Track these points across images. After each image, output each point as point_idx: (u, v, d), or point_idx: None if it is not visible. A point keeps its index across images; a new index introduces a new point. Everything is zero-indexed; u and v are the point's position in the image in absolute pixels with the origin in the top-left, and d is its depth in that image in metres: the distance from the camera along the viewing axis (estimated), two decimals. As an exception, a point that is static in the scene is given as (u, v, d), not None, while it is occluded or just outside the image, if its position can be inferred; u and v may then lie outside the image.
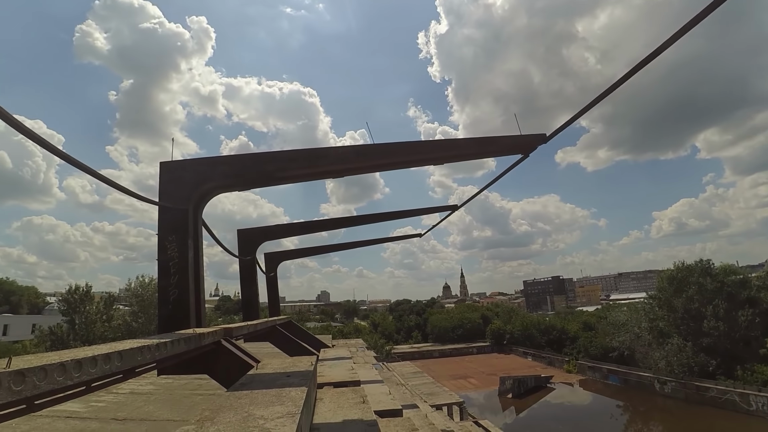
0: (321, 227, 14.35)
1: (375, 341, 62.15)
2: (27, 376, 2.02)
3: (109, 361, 2.63)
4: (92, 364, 2.47)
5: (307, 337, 12.87)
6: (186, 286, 5.66)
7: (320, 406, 4.83)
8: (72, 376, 2.34)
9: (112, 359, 2.68)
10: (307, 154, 6.46)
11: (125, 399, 9.28)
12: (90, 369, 2.48)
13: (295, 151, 6.39)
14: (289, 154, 6.34)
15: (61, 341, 29.42)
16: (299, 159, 6.36)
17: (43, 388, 2.15)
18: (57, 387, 2.24)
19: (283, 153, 6.39)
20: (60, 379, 2.25)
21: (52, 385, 2.20)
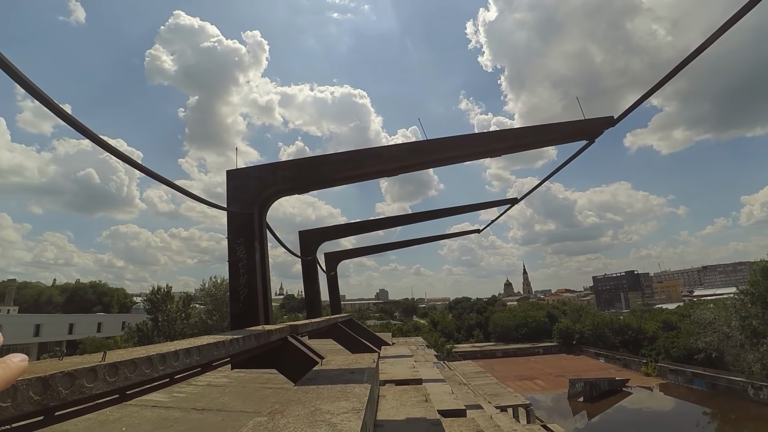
0: (377, 226, 14.51)
1: (435, 339, 61.77)
2: (119, 369, 2.25)
3: (189, 356, 2.85)
4: (175, 357, 2.69)
5: (367, 335, 13.09)
6: (254, 286, 5.99)
7: (383, 403, 4.88)
8: (158, 368, 2.56)
9: (192, 354, 2.90)
10: (361, 154, 6.56)
11: (203, 390, 10.05)
12: (173, 362, 2.70)
13: (348, 153, 6.52)
14: (342, 156, 6.49)
15: (146, 337, 32.55)
16: (353, 160, 6.47)
17: (133, 380, 2.38)
18: (145, 378, 2.46)
19: (337, 155, 6.55)
20: (147, 371, 2.47)
21: (141, 376, 2.42)
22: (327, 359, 5.03)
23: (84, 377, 1.96)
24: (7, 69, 2.67)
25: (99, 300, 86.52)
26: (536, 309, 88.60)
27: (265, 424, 2.47)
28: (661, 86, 5.17)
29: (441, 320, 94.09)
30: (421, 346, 22.31)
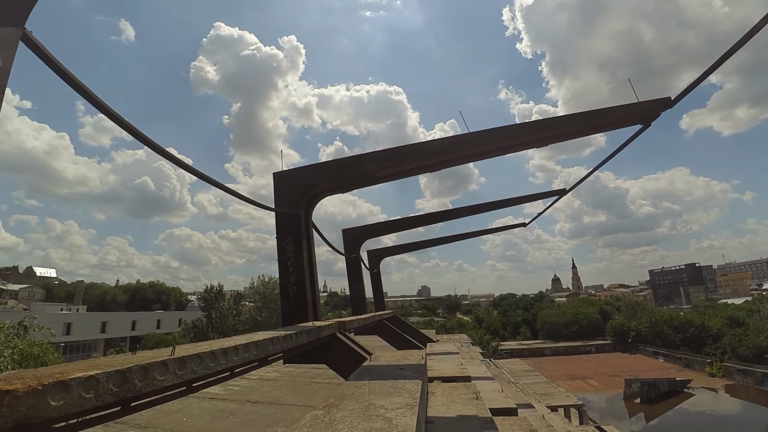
0: (418, 223, 14.41)
1: (480, 337, 60.78)
2: (187, 363, 2.38)
3: (247, 350, 2.97)
4: (235, 352, 2.81)
5: (412, 331, 13.09)
6: (303, 283, 6.16)
7: (432, 399, 4.86)
8: (220, 362, 2.69)
9: (250, 348, 3.02)
10: (402, 151, 6.55)
11: (255, 384, 10.48)
12: (233, 357, 2.82)
13: (390, 150, 6.53)
14: (384, 153, 6.50)
15: (202, 333, 34.40)
16: (394, 157, 6.47)
17: (199, 373, 2.51)
18: (209, 372, 2.59)
19: (378, 153, 6.57)
20: (211, 365, 2.60)
21: (205, 370, 2.55)
22: (375, 355, 5.08)
23: (156, 370, 2.09)
24: (81, 91, 2.90)
25: (158, 298, 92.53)
26: (587, 305, 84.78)
27: (321, 418, 2.53)
28: (723, 62, 4.77)
29: (486, 317, 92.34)
30: (466, 343, 22.01)
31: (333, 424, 2.40)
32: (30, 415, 1.52)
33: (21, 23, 2.39)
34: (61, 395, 1.63)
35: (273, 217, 6.43)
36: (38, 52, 2.66)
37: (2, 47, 2.25)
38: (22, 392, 1.50)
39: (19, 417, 1.48)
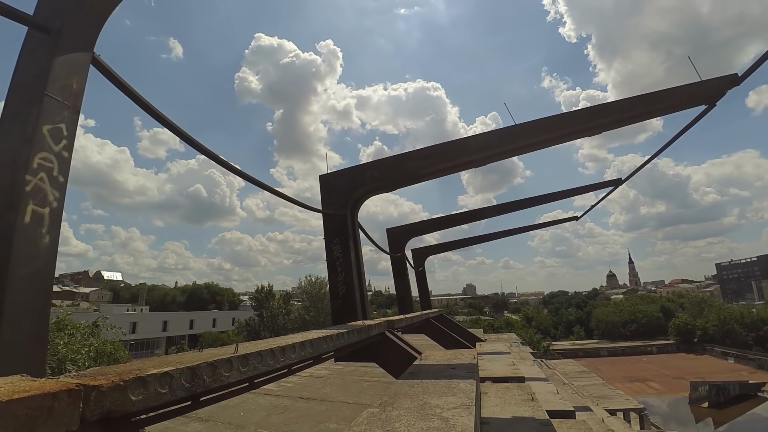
0: (462, 220, 14.22)
1: (530, 336, 58.84)
2: (249, 360, 2.47)
3: (303, 348, 3.05)
4: (292, 350, 2.89)
5: (459, 330, 12.92)
6: (351, 283, 6.25)
7: (486, 400, 4.76)
8: (279, 360, 2.78)
9: (306, 347, 3.09)
10: (446, 147, 6.48)
11: (306, 381, 10.77)
12: (291, 354, 2.91)
13: (434, 147, 6.48)
14: (429, 151, 6.46)
15: (254, 331, 35.87)
16: (439, 154, 6.42)
17: (260, 370, 2.60)
18: (269, 369, 2.68)
19: (423, 150, 6.54)
20: (271, 362, 2.68)
21: (266, 367, 2.64)
22: (425, 354, 5.05)
23: (222, 367, 2.19)
24: (145, 107, 3.10)
25: (212, 299, 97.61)
26: (647, 302, 79.70)
27: (378, 415, 2.54)
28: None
29: (535, 316, 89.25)
30: (515, 342, 21.40)
31: (390, 422, 2.40)
32: (113, 409, 1.64)
33: (90, 48, 2.59)
34: (140, 390, 1.75)
35: (317, 218, 6.58)
36: (106, 74, 2.88)
37: (77, 71, 2.45)
38: (106, 387, 1.62)
39: (103, 411, 1.59)
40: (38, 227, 2.06)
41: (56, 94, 2.26)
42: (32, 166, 2.07)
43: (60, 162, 2.22)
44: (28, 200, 2.03)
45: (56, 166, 2.20)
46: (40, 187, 2.10)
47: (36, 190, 2.07)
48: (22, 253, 1.97)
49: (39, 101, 2.18)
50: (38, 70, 2.28)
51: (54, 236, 2.13)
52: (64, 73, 2.33)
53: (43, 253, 2.07)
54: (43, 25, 2.35)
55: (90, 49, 2.56)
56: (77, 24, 2.46)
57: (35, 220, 2.05)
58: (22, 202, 2.00)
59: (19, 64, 2.38)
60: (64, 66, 2.34)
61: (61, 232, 2.25)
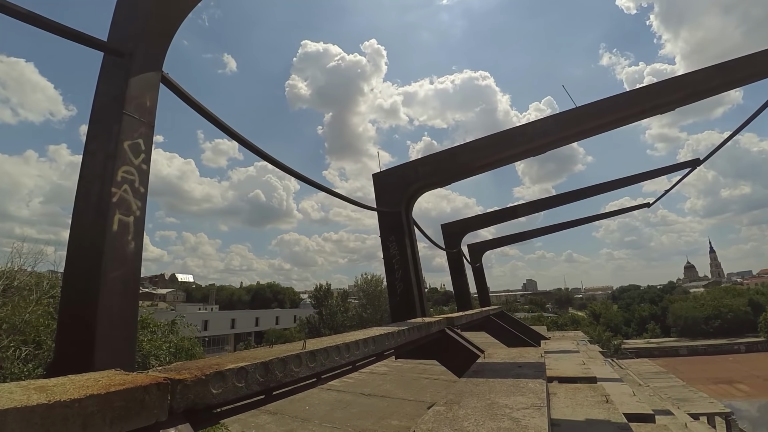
0: (519, 212, 13.63)
1: (598, 334, 55.50)
2: (317, 356, 2.53)
3: (366, 345, 3.08)
4: (356, 347, 2.93)
5: (521, 328, 12.47)
6: (409, 280, 6.24)
7: (555, 401, 4.54)
8: (344, 356, 2.82)
9: (369, 343, 3.12)
10: (502, 137, 6.23)
11: (367, 378, 10.95)
12: (354, 351, 2.94)
13: (488, 138, 6.26)
14: (483, 142, 6.26)
15: (315, 329, 37.14)
16: (494, 144, 6.20)
17: (326, 366, 2.66)
18: (334, 365, 2.73)
19: (477, 142, 6.35)
20: (336, 358, 2.73)
21: (332, 363, 2.69)
22: (488, 352, 4.92)
23: (292, 362, 2.27)
24: (211, 119, 3.29)
25: (275, 297, 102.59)
26: (732, 296, 72.07)
27: (444, 414, 2.50)
28: None
29: (604, 312, 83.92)
30: (582, 340, 20.27)
31: (457, 421, 2.36)
32: (196, 401, 1.74)
33: (159, 67, 2.79)
34: (220, 384, 1.85)
35: (370, 217, 6.71)
36: (175, 90, 3.09)
37: (149, 89, 2.65)
38: (190, 381, 1.73)
39: (188, 403, 1.70)
40: (125, 234, 2.25)
41: (133, 112, 2.47)
42: (116, 179, 2.27)
43: (140, 174, 2.42)
44: (114, 210, 2.23)
45: (137, 178, 2.40)
46: (125, 198, 2.30)
47: (121, 201, 2.27)
48: (112, 258, 2.17)
49: (119, 119, 2.38)
50: (116, 91, 2.49)
51: (138, 243, 2.32)
52: (139, 92, 2.53)
53: (129, 257, 2.26)
54: (117, 50, 2.57)
55: (159, 68, 2.76)
56: (146, 46, 2.66)
57: (122, 228, 2.25)
58: (110, 212, 2.21)
59: (99, 86, 2.62)
60: (138, 85, 2.54)
61: (145, 241, 2.46)
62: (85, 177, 2.38)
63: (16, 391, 1.30)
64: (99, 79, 2.62)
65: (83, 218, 2.31)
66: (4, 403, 1.15)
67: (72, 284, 2.27)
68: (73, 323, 2.17)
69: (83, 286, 2.16)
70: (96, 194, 2.28)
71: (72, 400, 1.27)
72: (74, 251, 2.29)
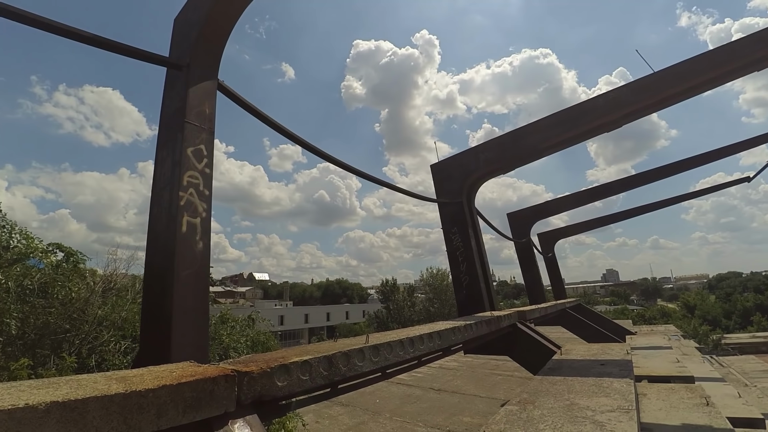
0: (595, 196, 12.49)
1: (693, 328, 49.87)
2: (380, 350, 2.49)
3: (431, 340, 2.99)
4: (420, 341, 2.85)
5: (602, 322, 11.57)
6: (474, 273, 6.01)
7: (645, 403, 4.11)
8: (408, 351, 2.76)
9: (434, 338, 3.02)
10: (571, 113, 5.71)
11: (437, 373, 10.84)
12: (419, 345, 2.86)
13: (556, 115, 5.78)
14: (549, 121, 5.79)
15: (383, 323, 37.66)
16: (562, 122, 5.71)
17: (390, 360, 2.61)
18: (399, 360, 2.67)
19: (542, 121, 5.89)
20: (401, 353, 2.68)
21: (396, 357, 2.64)
22: (566, 348, 4.58)
23: (356, 357, 2.25)
24: (271, 124, 3.39)
25: (344, 293, 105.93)
26: None
27: (518, 414, 2.34)
28: None
29: (699, 303, 75.27)
30: (674, 335, 18.40)
31: (532, 423, 2.18)
32: (263, 393, 1.77)
33: (215, 76, 2.91)
34: (285, 377, 1.87)
35: (432, 211, 6.59)
36: (232, 97, 3.22)
37: (207, 97, 2.79)
38: (257, 374, 1.77)
39: (255, 394, 1.73)
40: (193, 235, 2.38)
41: (194, 120, 2.62)
42: (183, 183, 2.42)
43: (204, 178, 2.56)
44: (183, 213, 2.37)
45: (201, 182, 2.54)
46: (191, 201, 2.44)
47: (188, 204, 2.41)
48: (183, 257, 2.31)
49: (182, 128, 2.55)
50: (178, 102, 2.67)
51: (206, 242, 2.45)
52: (198, 100, 2.68)
53: (198, 257, 2.39)
54: (176, 63, 2.74)
55: (215, 77, 2.90)
56: (201, 57, 2.81)
57: (190, 229, 2.38)
58: (179, 215, 2.35)
59: (164, 99, 2.83)
60: (197, 95, 2.69)
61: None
62: (157, 183, 2.56)
63: (99, 381, 1.39)
64: (164, 93, 2.82)
65: (157, 222, 2.49)
66: (87, 391, 1.23)
67: (151, 284, 2.45)
68: (153, 319, 2.34)
69: (160, 285, 2.32)
70: (167, 199, 2.44)
71: (147, 390, 1.33)
72: (152, 253, 2.47)
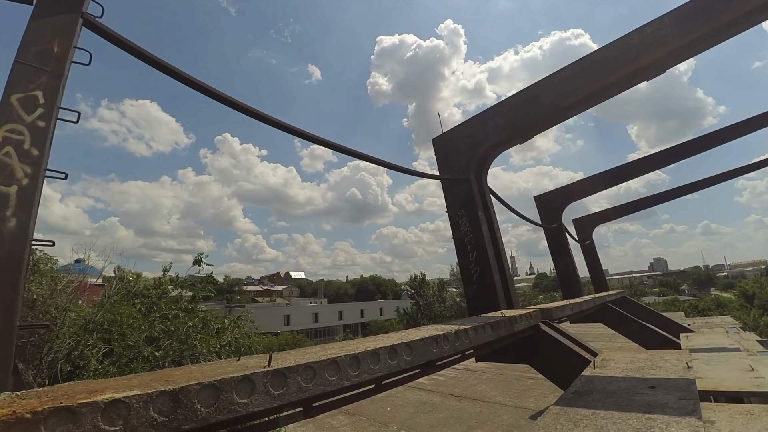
0: (638, 169, 10.85)
1: (753, 319, 45.73)
2: (288, 377, 1.64)
3: (395, 355, 2.09)
4: (374, 358, 1.96)
5: (650, 316, 10.16)
6: (487, 263, 5.01)
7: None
8: (349, 374, 1.88)
9: (399, 352, 2.12)
10: (596, 59, 4.51)
11: (460, 375, 9.80)
12: (371, 365, 1.97)
13: (578, 63, 4.61)
14: (570, 71, 4.61)
15: (412, 319, 36.70)
16: (587, 71, 4.55)
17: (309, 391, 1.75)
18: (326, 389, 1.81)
19: (562, 72, 4.69)
20: (332, 378, 1.81)
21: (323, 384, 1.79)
22: (603, 357, 3.52)
23: (237, 389, 1.42)
24: (296, 132, 2.57)
25: (378, 289, 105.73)
26: None
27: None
28: None
29: (758, 291, 69.10)
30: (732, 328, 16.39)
31: None
32: None
33: (78, 9, 2.27)
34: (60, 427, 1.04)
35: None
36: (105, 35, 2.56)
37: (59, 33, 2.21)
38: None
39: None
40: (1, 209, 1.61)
41: (31, 60, 2.01)
42: (-9, 140, 1.75)
43: (33, 133, 1.89)
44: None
45: (28, 138, 1.87)
46: (5, 163, 1.68)
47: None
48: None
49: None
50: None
51: (24, 218, 1.69)
52: (42, 36, 2.08)
53: (6, 238, 1.63)
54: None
55: (77, 10, 2.23)
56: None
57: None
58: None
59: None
60: (43, 29, 2.09)
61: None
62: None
63: None
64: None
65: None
66: None
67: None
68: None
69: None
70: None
71: None
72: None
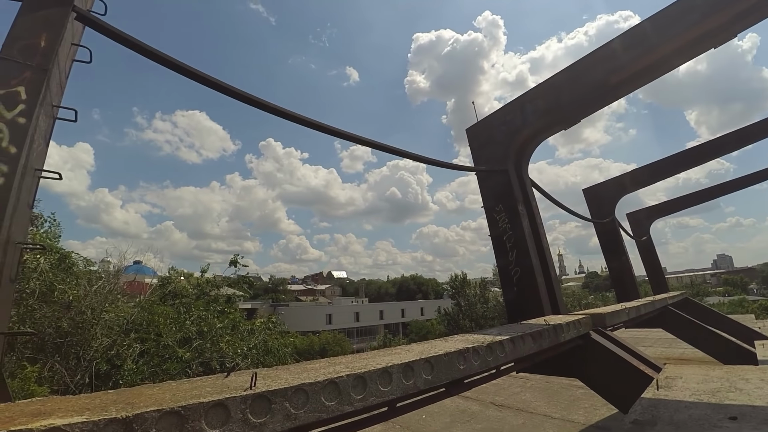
0: (701, 156, 9.70)
1: (840, 321, 40.92)
2: (272, 401, 1.37)
3: (407, 376, 1.77)
4: (385, 379, 1.65)
5: (718, 320, 9.12)
6: (528, 263, 4.55)
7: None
8: (352, 399, 1.59)
9: (411, 373, 1.80)
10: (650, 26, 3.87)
11: (502, 382, 9.20)
12: (371, 388, 1.66)
13: (628, 34, 3.99)
14: (621, 42, 3.96)
15: (453, 320, 35.79)
16: (641, 40, 3.92)
17: (301, 419, 1.47)
18: (320, 417, 1.53)
19: (611, 44, 4.10)
20: (329, 402, 1.52)
21: (315, 412, 1.50)
22: (668, 374, 3.01)
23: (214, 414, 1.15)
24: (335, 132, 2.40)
25: (419, 289, 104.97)
26: None
27: None
28: None
29: (844, 292, 62.29)
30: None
31: None
32: None
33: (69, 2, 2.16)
34: None
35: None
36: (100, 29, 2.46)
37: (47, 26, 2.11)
38: None
39: None
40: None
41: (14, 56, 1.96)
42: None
43: (12, 130, 1.83)
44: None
45: (6, 135, 1.81)
46: None
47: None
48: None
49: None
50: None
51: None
52: (28, 31, 2.03)
53: None
54: None
55: (68, 3, 2.15)
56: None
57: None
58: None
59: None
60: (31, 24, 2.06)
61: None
62: None
63: None
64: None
65: None
66: None
67: None
68: None
69: None
70: None
71: None
72: None
